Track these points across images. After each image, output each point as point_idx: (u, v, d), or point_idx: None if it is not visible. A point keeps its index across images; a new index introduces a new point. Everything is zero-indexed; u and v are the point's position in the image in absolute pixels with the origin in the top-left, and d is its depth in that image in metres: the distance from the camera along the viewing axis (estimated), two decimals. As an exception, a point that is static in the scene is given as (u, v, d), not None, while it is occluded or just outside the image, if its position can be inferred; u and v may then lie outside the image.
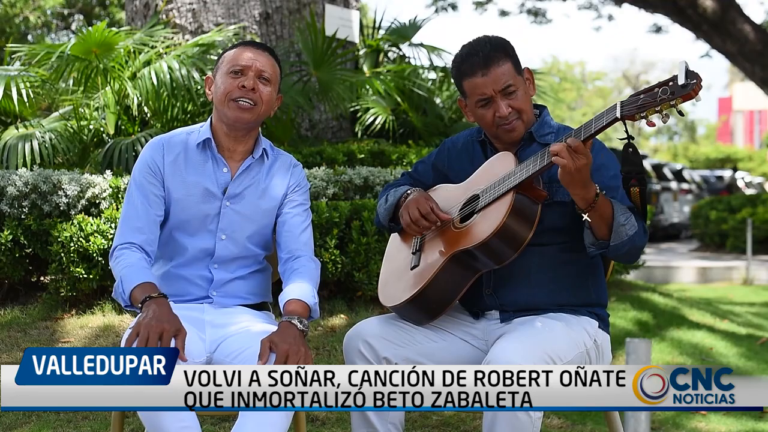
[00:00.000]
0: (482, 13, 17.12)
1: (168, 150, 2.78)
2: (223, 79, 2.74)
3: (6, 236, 4.75)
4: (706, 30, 12.77)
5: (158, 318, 2.43)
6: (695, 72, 2.30)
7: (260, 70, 2.74)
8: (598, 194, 2.49)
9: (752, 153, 38.62)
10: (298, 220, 2.83)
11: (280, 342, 2.47)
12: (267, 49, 2.81)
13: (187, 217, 2.76)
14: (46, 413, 3.81)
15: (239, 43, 2.85)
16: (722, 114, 50.91)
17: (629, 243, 2.53)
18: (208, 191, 2.76)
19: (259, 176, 2.81)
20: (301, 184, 2.88)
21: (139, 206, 2.73)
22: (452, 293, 2.69)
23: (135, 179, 2.77)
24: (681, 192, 18.98)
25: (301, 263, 2.77)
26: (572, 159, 2.43)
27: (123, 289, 2.59)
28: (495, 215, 2.58)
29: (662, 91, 2.34)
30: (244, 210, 2.79)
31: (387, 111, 6.56)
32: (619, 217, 2.52)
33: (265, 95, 2.75)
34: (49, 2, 19.59)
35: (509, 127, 2.71)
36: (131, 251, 2.67)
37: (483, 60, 2.69)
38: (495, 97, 2.69)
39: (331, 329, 4.72)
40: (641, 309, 6.39)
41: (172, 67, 5.64)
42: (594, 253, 2.60)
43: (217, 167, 2.78)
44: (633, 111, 2.39)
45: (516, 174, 2.59)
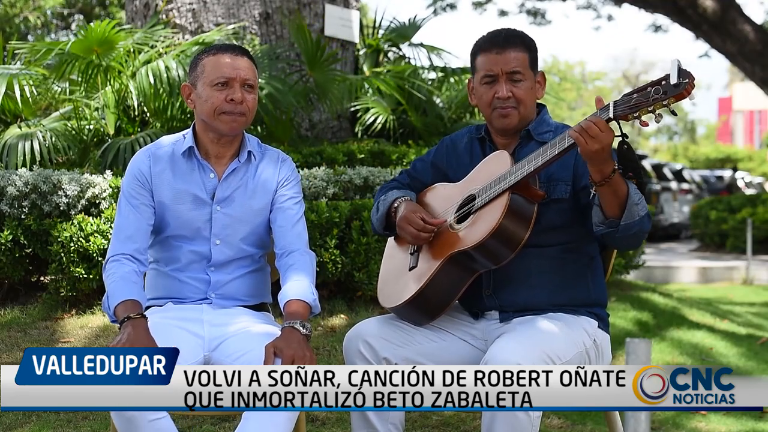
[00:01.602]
0: (481, 13, 17.12)
1: (155, 160, 2.78)
2: (207, 91, 2.71)
3: (6, 236, 4.75)
4: (706, 30, 12.77)
5: (132, 342, 2.44)
6: (688, 71, 2.28)
7: (244, 78, 2.72)
8: (615, 170, 2.46)
9: (752, 153, 38.61)
10: (289, 214, 2.81)
11: (285, 347, 2.48)
12: (243, 51, 2.78)
13: (180, 225, 2.77)
14: (46, 413, 3.81)
15: (213, 47, 2.78)
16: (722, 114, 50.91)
17: (639, 224, 2.51)
18: (198, 198, 2.76)
19: (246, 176, 2.80)
20: (290, 178, 2.86)
21: (130, 216, 2.74)
22: (451, 294, 2.69)
23: (124, 192, 2.78)
24: (681, 192, 18.98)
25: (296, 258, 2.76)
26: (587, 141, 2.42)
27: (108, 304, 2.61)
28: (491, 216, 2.58)
29: (654, 91, 2.32)
30: (235, 213, 2.78)
31: (387, 111, 6.56)
32: (634, 196, 2.50)
33: (251, 103, 2.74)
34: (49, 2, 19.58)
35: (504, 112, 2.73)
36: (121, 263, 2.68)
37: (502, 40, 2.77)
38: (500, 77, 2.73)
39: (331, 329, 4.72)
40: (641, 309, 6.39)
41: (169, 67, 5.64)
42: (601, 232, 2.56)
43: (204, 173, 2.78)
44: (626, 111, 2.38)
45: (512, 174, 2.59)
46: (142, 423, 2.39)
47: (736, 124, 49.55)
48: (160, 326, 2.57)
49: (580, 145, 2.43)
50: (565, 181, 2.70)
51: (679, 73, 2.28)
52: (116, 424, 2.45)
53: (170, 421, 2.45)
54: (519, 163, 2.59)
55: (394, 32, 7.38)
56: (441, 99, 7.11)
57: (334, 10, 6.74)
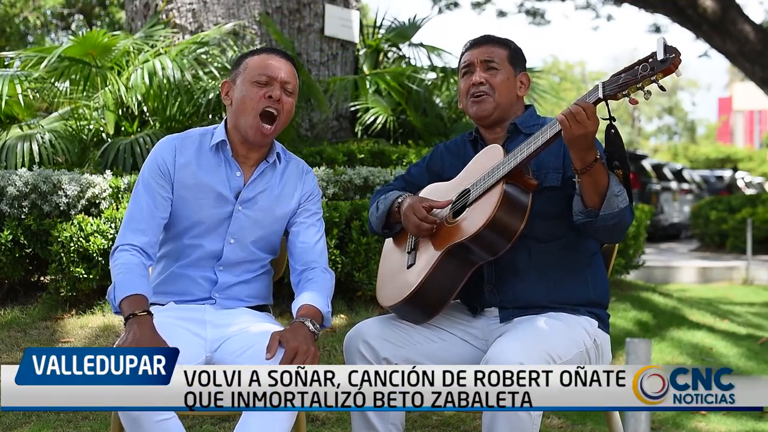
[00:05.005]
0: (480, 13, 17.13)
1: (180, 151, 2.76)
2: (246, 87, 2.71)
3: (6, 236, 4.75)
4: (706, 30, 12.77)
5: (138, 341, 2.42)
6: (673, 47, 2.32)
7: (285, 81, 2.72)
8: (596, 159, 2.49)
9: (752, 153, 38.65)
10: (312, 231, 2.82)
11: (291, 339, 2.48)
12: (290, 58, 2.79)
13: (197, 220, 2.74)
14: (46, 413, 3.81)
15: (261, 49, 2.81)
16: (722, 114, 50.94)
17: (618, 216, 2.53)
18: (221, 195, 2.74)
19: (272, 181, 2.80)
20: (315, 192, 2.87)
21: (144, 207, 2.71)
22: (449, 289, 2.69)
23: (143, 178, 2.75)
24: (681, 192, 18.97)
25: (316, 274, 2.76)
26: (571, 125, 2.44)
27: (114, 295, 2.59)
28: (486, 207, 2.59)
29: (642, 68, 2.35)
30: (256, 215, 2.77)
31: (387, 111, 6.56)
32: (614, 187, 2.52)
33: (288, 106, 2.73)
34: (49, 2, 19.59)
35: (477, 99, 2.79)
36: (131, 254, 2.65)
37: (482, 38, 2.87)
38: (475, 65, 2.81)
39: (331, 329, 4.72)
40: (641, 309, 6.40)
41: (165, 66, 5.64)
42: (580, 221, 2.59)
43: (231, 171, 2.76)
44: (615, 90, 2.40)
45: (504, 164, 2.60)
46: (148, 423, 2.39)
47: (736, 124, 49.57)
48: (163, 326, 2.56)
49: (565, 129, 2.45)
50: (555, 169, 2.71)
51: (665, 49, 2.31)
52: (123, 424, 2.45)
53: (178, 422, 2.44)
54: (511, 153, 2.61)
55: (394, 32, 7.38)
56: (441, 99, 7.11)
57: (334, 10, 6.74)
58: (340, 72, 6.83)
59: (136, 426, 2.39)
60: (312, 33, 6.66)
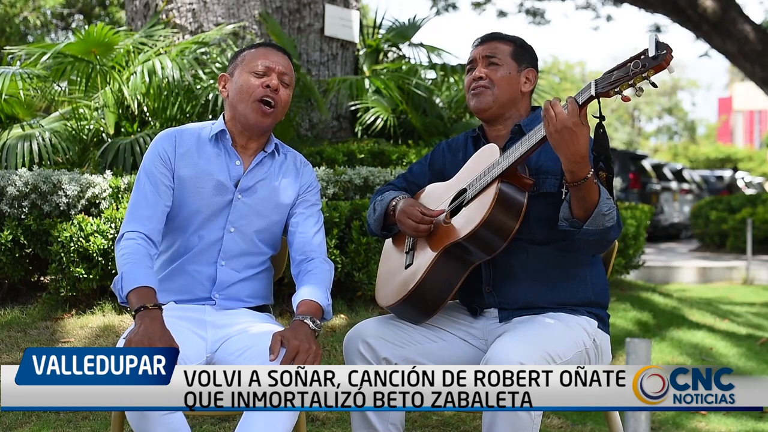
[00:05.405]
0: (480, 13, 17.12)
1: (180, 141, 2.79)
2: (244, 77, 2.76)
3: (6, 236, 4.75)
4: (706, 30, 12.77)
5: (150, 336, 2.42)
6: (665, 43, 2.32)
7: (282, 72, 2.78)
8: (587, 178, 2.47)
9: (752, 153, 38.65)
10: (311, 222, 2.85)
11: (292, 338, 2.49)
12: (286, 52, 2.84)
13: (197, 209, 2.76)
14: (46, 413, 3.81)
15: (259, 44, 2.87)
16: (722, 114, 50.93)
17: (601, 234, 2.53)
18: (220, 183, 2.77)
19: (271, 171, 2.83)
20: (313, 184, 2.90)
21: (148, 195, 2.73)
22: (447, 289, 2.69)
23: (145, 168, 2.77)
24: (681, 192, 18.97)
25: (315, 265, 2.78)
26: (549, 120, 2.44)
27: (122, 286, 2.58)
28: (481, 206, 2.59)
29: (634, 65, 2.35)
30: (255, 204, 2.79)
31: (387, 111, 6.56)
32: (603, 206, 2.51)
33: (284, 97, 2.78)
34: (49, 2, 19.58)
35: (476, 92, 2.80)
36: (137, 242, 2.66)
37: (489, 35, 2.89)
38: (477, 61, 2.83)
39: (331, 329, 4.72)
40: (641, 309, 6.40)
41: (165, 66, 5.64)
42: (564, 228, 2.58)
43: (230, 160, 2.79)
44: (607, 87, 2.40)
45: (500, 163, 2.60)
46: (155, 415, 2.39)
47: (736, 124, 49.57)
48: (166, 325, 2.56)
49: (546, 129, 2.46)
50: (554, 175, 2.71)
51: (657, 46, 2.32)
52: (128, 418, 2.45)
53: (182, 416, 2.45)
54: (506, 152, 2.61)
55: (393, 32, 7.39)
56: (441, 99, 7.11)
57: (334, 10, 6.74)
58: (340, 72, 6.83)
59: (142, 419, 2.40)
60: (312, 33, 6.66)
